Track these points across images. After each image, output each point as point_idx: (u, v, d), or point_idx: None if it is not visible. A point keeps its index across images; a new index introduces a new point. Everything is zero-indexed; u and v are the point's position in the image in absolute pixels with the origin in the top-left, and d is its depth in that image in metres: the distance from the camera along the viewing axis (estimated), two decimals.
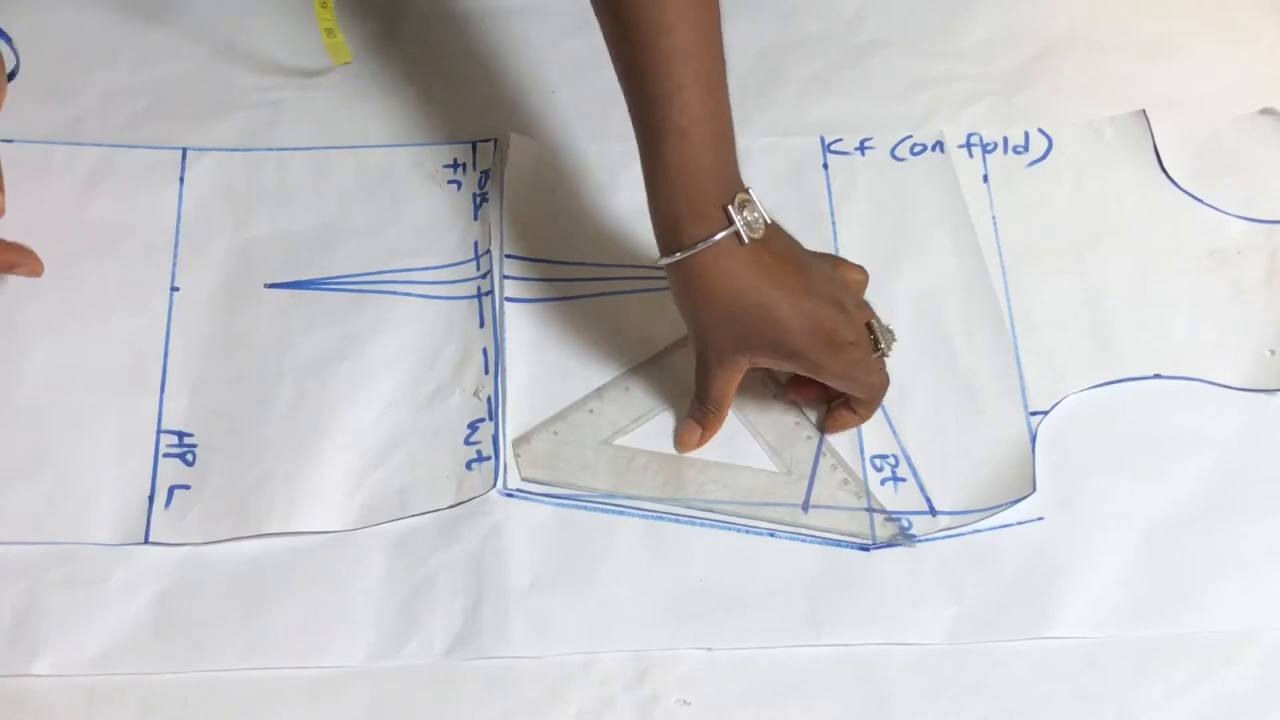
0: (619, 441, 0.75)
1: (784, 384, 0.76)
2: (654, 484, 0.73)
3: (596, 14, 0.71)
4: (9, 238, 0.77)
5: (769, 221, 0.70)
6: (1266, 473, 0.74)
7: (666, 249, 0.70)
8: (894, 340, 0.73)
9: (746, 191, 0.70)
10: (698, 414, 0.74)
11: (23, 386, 0.75)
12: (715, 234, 0.68)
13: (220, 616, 0.69)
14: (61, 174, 0.81)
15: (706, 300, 0.70)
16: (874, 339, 0.72)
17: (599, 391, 0.76)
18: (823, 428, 0.75)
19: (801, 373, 0.72)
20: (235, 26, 0.89)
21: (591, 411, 0.75)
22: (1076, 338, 0.78)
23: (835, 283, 0.73)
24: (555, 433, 0.75)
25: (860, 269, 0.76)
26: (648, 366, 0.77)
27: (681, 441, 0.74)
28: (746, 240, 0.69)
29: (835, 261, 0.76)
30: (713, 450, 0.75)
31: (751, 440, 0.75)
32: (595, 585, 0.70)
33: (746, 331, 0.70)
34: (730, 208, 0.68)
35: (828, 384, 0.73)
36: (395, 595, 0.69)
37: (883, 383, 0.74)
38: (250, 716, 0.67)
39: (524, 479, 0.73)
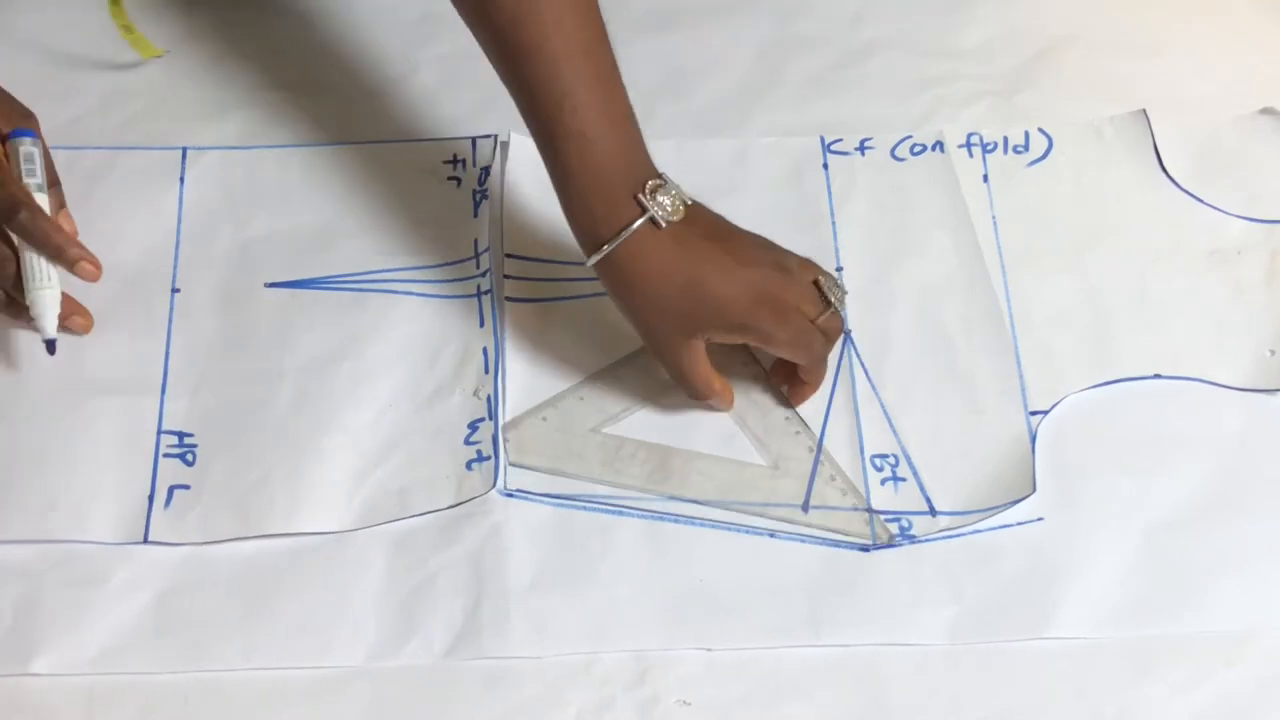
0: (607, 429, 0.75)
1: (770, 370, 0.76)
2: (641, 472, 0.73)
3: (471, 30, 0.72)
4: None
5: (689, 203, 0.70)
6: (1266, 473, 0.74)
7: (589, 249, 0.70)
8: (845, 293, 0.73)
9: (660, 177, 0.70)
10: (698, 403, 0.74)
11: (24, 387, 0.75)
12: (630, 223, 0.69)
13: (220, 616, 0.69)
14: (63, 177, 0.81)
15: (636, 290, 0.70)
16: (822, 295, 0.72)
17: (590, 379, 0.76)
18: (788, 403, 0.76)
19: (753, 343, 0.72)
20: (235, 26, 0.89)
21: (582, 399, 0.76)
22: (1076, 338, 0.78)
23: (772, 249, 0.73)
24: (544, 419, 0.75)
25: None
26: (640, 356, 0.77)
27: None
28: (664, 224, 0.69)
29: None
30: (700, 441, 0.75)
31: (740, 432, 0.75)
32: (595, 585, 0.70)
33: (686, 313, 0.70)
34: (641, 196, 0.69)
35: (778, 354, 0.73)
36: (395, 595, 0.69)
37: (825, 350, 0.73)
38: (250, 716, 0.66)
39: (512, 464, 0.73)
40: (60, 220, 0.76)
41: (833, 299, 0.72)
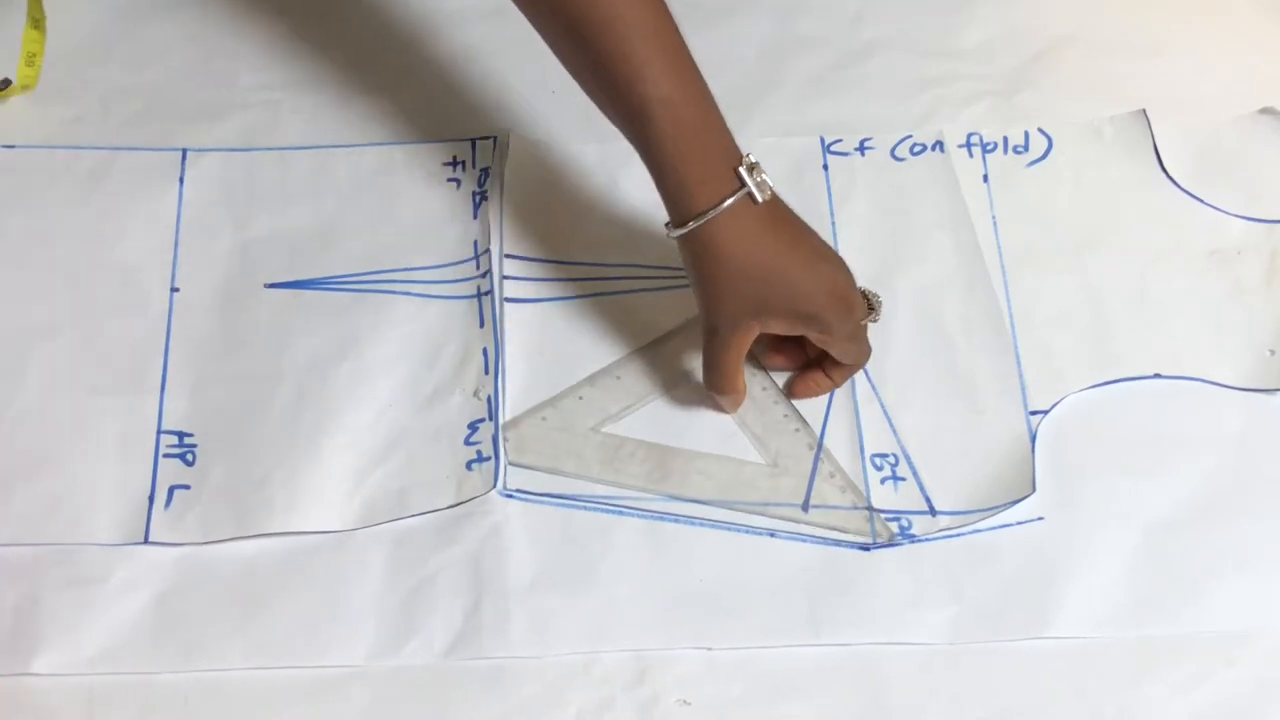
0: (607, 429, 0.75)
1: (766, 349, 0.76)
2: (641, 471, 0.74)
3: (538, 26, 0.71)
4: (14, 240, 0.78)
5: (773, 186, 0.70)
6: (1266, 473, 0.74)
7: (679, 218, 0.70)
8: (881, 303, 0.74)
9: (749, 154, 0.70)
10: (707, 395, 0.74)
11: (23, 388, 0.75)
12: (728, 196, 0.68)
13: (220, 616, 0.69)
14: (63, 176, 0.81)
15: (722, 266, 0.70)
16: (867, 301, 0.73)
17: (590, 379, 0.77)
18: (789, 393, 0.76)
19: (810, 335, 0.72)
20: (235, 26, 0.89)
21: (581, 399, 0.76)
22: (1076, 338, 0.78)
23: (831, 247, 0.73)
24: (544, 419, 0.75)
25: None
26: (639, 355, 0.77)
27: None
28: (760, 200, 0.69)
29: None
30: (699, 440, 0.75)
31: (739, 431, 0.75)
32: (595, 585, 0.70)
33: (761, 296, 0.70)
34: (741, 170, 0.69)
35: (830, 350, 0.73)
36: (395, 595, 0.69)
37: (869, 350, 0.75)
38: (250, 716, 0.67)
39: (511, 463, 0.73)
40: None
41: (874, 306, 0.74)
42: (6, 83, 0.81)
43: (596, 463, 0.74)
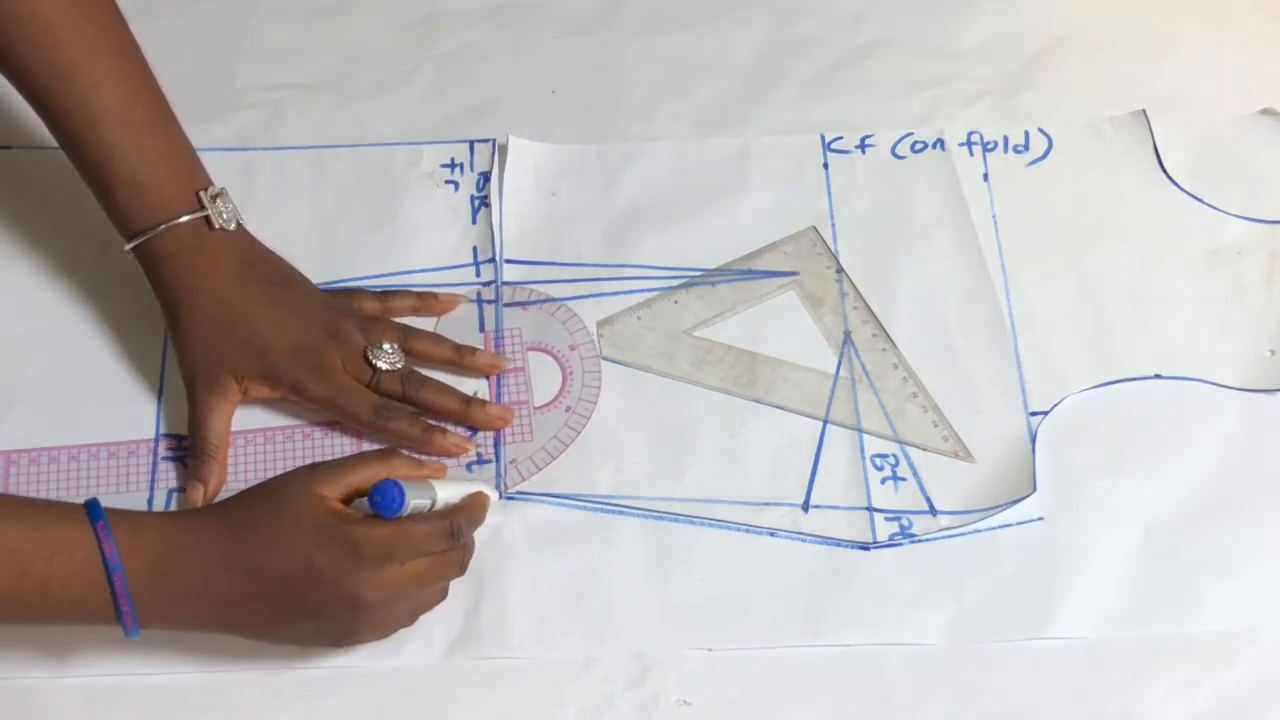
0: (699, 333, 0.77)
1: None
2: (729, 375, 0.76)
3: (14, 87, 0.72)
4: (14, 240, 0.79)
5: (241, 222, 0.72)
6: (1266, 473, 0.74)
7: (128, 226, 0.71)
8: (390, 369, 0.72)
9: (221, 190, 0.72)
10: (194, 467, 0.71)
11: (23, 390, 0.75)
12: (184, 214, 0.70)
13: None
14: (61, 178, 0.80)
15: (190, 302, 0.71)
16: (368, 362, 0.72)
17: (685, 285, 0.78)
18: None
19: (292, 397, 0.72)
20: (236, 26, 0.89)
21: (676, 303, 0.78)
22: (1076, 338, 0.78)
23: (321, 305, 0.73)
24: (639, 318, 0.77)
25: (373, 297, 0.76)
26: (734, 266, 0.79)
27: (189, 500, 0.71)
28: (217, 226, 0.70)
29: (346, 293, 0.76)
30: (787, 350, 0.77)
31: (826, 344, 0.77)
32: (595, 585, 0.70)
33: (232, 347, 0.70)
34: (203, 194, 0.70)
35: (319, 410, 0.73)
36: None
37: (364, 410, 0.72)
38: (250, 716, 0.67)
39: (604, 358, 0.76)
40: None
41: (379, 364, 0.72)
42: None
43: (687, 364, 0.76)
